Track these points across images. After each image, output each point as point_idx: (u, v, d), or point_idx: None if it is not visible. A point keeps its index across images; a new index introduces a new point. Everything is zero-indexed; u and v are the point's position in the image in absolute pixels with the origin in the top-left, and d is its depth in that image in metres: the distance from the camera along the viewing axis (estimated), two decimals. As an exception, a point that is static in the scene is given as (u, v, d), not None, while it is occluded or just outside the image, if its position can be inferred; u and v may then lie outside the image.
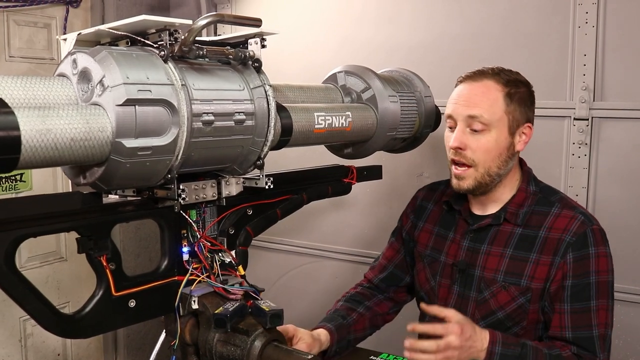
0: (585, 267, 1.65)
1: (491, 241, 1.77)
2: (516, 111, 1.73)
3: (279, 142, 1.63)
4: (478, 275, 1.75)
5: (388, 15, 3.01)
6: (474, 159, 1.72)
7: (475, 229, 1.81)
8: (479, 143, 1.71)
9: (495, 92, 1.72)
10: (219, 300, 1.52)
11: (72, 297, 3.26)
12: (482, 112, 1.69)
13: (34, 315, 1.29)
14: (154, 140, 1.26)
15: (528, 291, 1.68)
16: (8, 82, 1.20)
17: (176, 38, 1.34)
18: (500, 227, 1.77)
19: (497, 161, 1.73)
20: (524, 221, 1.75)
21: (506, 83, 1.73)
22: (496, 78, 1.74)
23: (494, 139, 1.71)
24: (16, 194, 2.93)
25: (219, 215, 1.62)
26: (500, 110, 1.71)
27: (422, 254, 1.97)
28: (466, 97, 1.74)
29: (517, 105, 1.73)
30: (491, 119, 1.69)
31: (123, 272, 1.41)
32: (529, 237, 1.73)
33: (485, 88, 1.73)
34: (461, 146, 1.72)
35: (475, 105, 1.70)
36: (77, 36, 1.39)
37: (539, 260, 1.69)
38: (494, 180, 1.75)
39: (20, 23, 2.95)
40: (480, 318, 1.73)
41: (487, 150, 1.71)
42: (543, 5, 2.61)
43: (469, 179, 1.74)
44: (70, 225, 1.32)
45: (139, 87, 1.22)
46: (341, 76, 1.97)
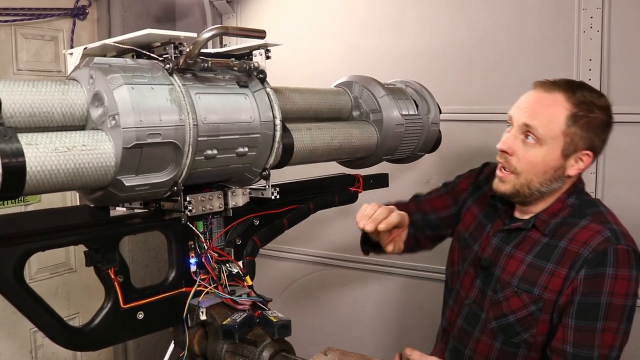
0: (597, 286, 1.57)
1: (517, 245, 1.74)
2: (577, 135, 1.63)
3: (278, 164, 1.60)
4: (497, 275, 1.74)
5: (393, 23, 3.01)
6: (517, 167, 1.67)
7: (506, 230, 1.79)
8: (526, 153, 1.65)
9: (559, 109, 1.63)
10: (227, 311, 1.52)
11: (82, 308, 3.27)
12: (537, 125, 1.62)
13: (43, 328, 1.30)
14: (153, 177, 1.27)
15: (540, 300, 1.65)
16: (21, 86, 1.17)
17: (181, 51, 1.35)
18: (529, 233, 1.74)
19: (540, 177, 1.66)
20: (553, 231, 1.69)
21: (578, 103, 1.63)
22: (569, 94, 1.64)
23: (542, 155, 1.64)
24: (25, 207, 2.94)
25: (225, 226, 1.63)
26: (557, 129, 1.62)
27: (461, 235, 1.95)
28: (529, 104, 1.67)
29: (579, 129, 1.63)
30: (545, 135, 1.62)
31: (131, 284, 1.42)
32: (551, 246, 1.67)
33: (551, 101, 1.64)
34: (508, 151, 1.68)
35: (534, 115, 1.63)
36: (84, 51, 1.40)
37: (555, 271, 1.64)
38: (533, 194, 1.69)
39: (28, 36, 2.98)
40: (493, 318, 1.73)
41: (532, 163, 1.65)
42: (548, 11, 2.61)
43: (508, 184, 1.70)
44: (77, 238, 1.33)
45: (150, 131, 1.21)
46: (357, 87, 1.90)
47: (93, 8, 3.26)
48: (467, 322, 1.83)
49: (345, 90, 1.95)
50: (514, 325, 1.69)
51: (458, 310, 1.86)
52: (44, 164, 1.11)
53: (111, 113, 1.20)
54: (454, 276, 1.93)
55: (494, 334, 1.72)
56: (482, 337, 1.77)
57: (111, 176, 1.21)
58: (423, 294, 3.04)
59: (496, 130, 2.16)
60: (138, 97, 1.22)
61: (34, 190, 1.12)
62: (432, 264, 2.96)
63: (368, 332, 3.31)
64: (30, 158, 1.09)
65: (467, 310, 1.83)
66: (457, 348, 1.84)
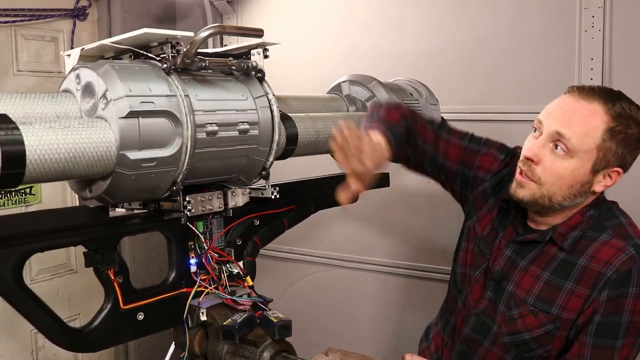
0: (619, 306, 1.49)
1: (532, 260, 1.63)
2: (611, 151, 1.51)
3: (285, 152, 1.63)
4: (510, 290, 1.65)
5: (393, 23, 3.00)
6: (541, 177, 1.54)
7: (519, 241, 1.67)
8: (553, 164, 1.52)
9: (597, 121, 1.49)
10: (228, 311, 1.52)
11: (83, 309, 3.27)
12: (571, 136, 1.49)
13: (43, 329, 1.30)
14: (158, 152, 1.27)
15: (558, 320, 1.56)
16: (13, 99, 1.21)
17: (178, 50, 1.35)
18: (545, 247, 1.62)
19: (565, 191, 1.54)
20: (571, 246, 1.57)
21: (616, 116, 1.50)
22: (608, 106, 1.50)
23: (571, 168, 1.51)
24: (26, 207, 2.94)
25: (226, 226, 1.63)
26: (592, 143, 1.50)
27: (476, 238, 1.79)
28: (565, 111, 1.53)
29: (615, 144, 1.51)
30: (578, 147, 1.49)
31: (131, 285, 1.42)
32: (569, 263, 1.56)
33: (589, 112, 1.50)
34: (534, 159, 1.54)
35: (568, 124, 1.50)
36: (81, 51, 1.40)
37: (574, 291, 1.54)
38: (553, 207, 1.57)
39: (28, 37, 2.97)
40: (506, 333, 1.66)
41: (559, 176, 1.52)
42: (549, 10, 2.60)
43: (527, 191, 1.56)
44: (77, 239, 1.33)
45: (141, 100, 1.23)
46: (345, 86, 1.98)
47: (93, 9, 3.26)
48: (475, 332, 1.74)
49: (337, 94, 1.99)
50: (529, 342, 1.63)
51: (464, 317, 1.80)
52: (41, 139, 1.12)
53: (101, 92, 1.23)
54: (465, 278, 1.81)
55: (506, 348, 1.65)
56: (492, 348, 1.70)
57: (114, 153, 1.21)
58: (424, 294, 3.03)
59: (497, 129, 2.16)
60: (124, 72, 1.25)
61: (37, 171, 1.12)
62: (433, 264, 2.96)
63: (369, 333, 3.31)
64: (27, 134, 1.10)
65: (475, 320, 1.74)
66: (466, 353, 1.78)
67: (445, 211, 2.77)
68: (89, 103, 1.28)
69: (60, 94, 1.31)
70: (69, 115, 1.29)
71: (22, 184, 1.14)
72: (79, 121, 1.21)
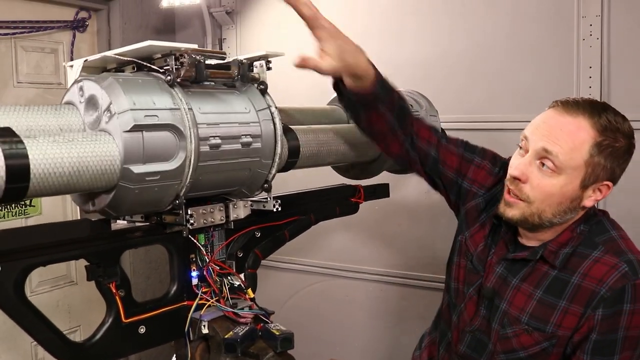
0: (614, 324, 1.47)
1: (524, 277, 1.61)
2: (599, 165, 1.48)
3: (287, 164, 1.63)
4: (503, 309, 1.63)
5: (392, 33, 3.01)
6: (530, 195, 1.51)
7: (509, 259, 1.65)
8: (541, 182, 1.49)
9: (584, 136, 1.47)
10: (229, 324, 1.51)
11: (83, 321, 3.26)
12: (558, 152, 1.46)
13: (44, 344, 1.29)
14: (161, 166, 1.27)
15: (553, 337, 1.55)
16: (16, 111, 1.21)
17: (182, 62, 1.35)
18: (536, 265, 1.60)
19: (554, 208, 1.52)
20: (562, 263, 1.55)
21: (603, 130, 1.48)
22: (594, 120, 1.47)
23: (560, 185, 1.49)
24: (26, 219, 2.94)
25: (227, 238, 1.62)
26: (580, 158, 1.47)
27: (469, 255, 1.77)
28: (550, 126, 1.50)
29: (604, 159, 1.48)
30: (565, 163, 1.47)
31: (132, 298, 1.41)
32: (562, 281, 1.54)
33: (575, 127, 1.47)
34: (522, 178, 1.51)
35: (555, 141, 1.47)
36: (84, 63, 1.40)
37: (568, 309, 1.52)
38: (543, 224, 1.55)
39: (28, 49, 2.98)
40: (501, 352, 1.65)
41: (548, 194, 1.49)
42: (547, 19, 2.61)
43: (516, 210, 1.54)
44: (78, 253, 1.32)
45: (145, 113, 1.23)
46: None
47: (93, 20, 3.27)
48: (471, 349, 1.72)
49: (337, 105, 2.00)
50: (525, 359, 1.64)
51: (459, 334, 1.77)
52: (45, 153, 1.11)
53: (105, 106, 1.23)
54: (458, 294, 1.79)
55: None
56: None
57: (118, 166, 1.21)
58: (425, 304, 3.02)
59: (497, 138, 2.16)
60: (127, 86, 1.25)
61: (41, 185, 1.11)
62: (434, 273, 2.95)
63: (370, 343, 3.30)
64: (31, 147, 1.09)
65: (471, 338, 1.72)
66: None
67: (446, 221, 2.74)
68: (92, 116, 1.28)
69: (63, 107, 1.31)
70: (72, 128, 1.28)
71: (25, 198, 1.13)
72: (83, 135, 1.21)
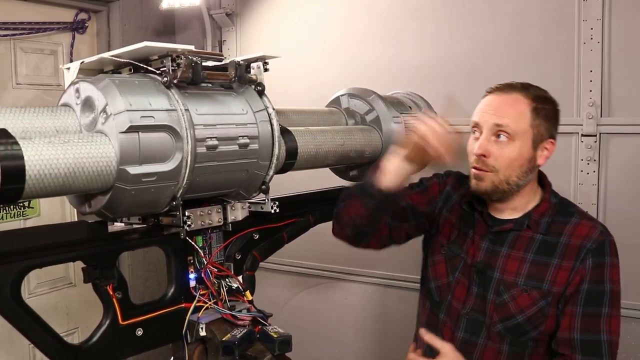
0: (601, 274, 1.66)
1: (511, 245, 1.77)
2: (541, 126, 1.74)
3: (285, 166, 1.62)
4: (497, 277, 1.75)
5: (392, 36, 3.01)
6: (495, 165, 1.73)
7: (495, 232, 1.81)
8: (502, 152, 1.72)
9: (522, 105, 1.73)
10: (227, 326, 1.51)
11: (81, 322, 3.25)
12: (508, 122, 1.71)
13: (41, 346, 1.29)
14: (158, 167, 1.26)
15: (549, 294, 1.69)
16: (12, 113, 1.21)
17: (179, 64, 1.34)
18: (521, 233, 1.78)
19: (517, 171, 1.74)
20: (545, 229, 1.76)
21: (534, 98, 1.75)
22: (525, 92, 1.76)
23: (517, 149, 1.72)
24: (25, 221, 2.93)
25: (225, 240, 1.62)
26: (525, 123, 1.72)
27: (444, 245, 1.93)
28: (494, 107, 1.75)
29: (542, 120, 1.75)
30: (517, 129, 1.71)
31: (130, 301, 1.40)
32: (551, 243, 1.73)
33: (513, 100, 1.74)
34: (485, 154, 1.73)
35: (503, 115, 1.72)
36: (81, 65, 1.40)
37: (561, 265, 1.69)
38: (512, 189, 1.76)
39: (27, 50, 2.97)
40: (498, 321, 1.72)
41: (510, 159, 1.72)
42: (547, 22, 2.60)
43: (487, 181, 1.74)
44: (75, 255, 1.32)
45: (141, 114, 1.23)
46: (344, 99, 1.98)
47: (92, 22, 3.27)
48: (469, 333, 1.81)
49: (336, 108, 1.99)
50: (523, 325, 1.69)
51: (453, 323, 1.84)
52: (41, 154, 1.11)
53: (101, 107, 1.22)
54: (442, 289, 1.90)
55: (500, 337, 1.71)
56: (488, 343, 1.76)
57: (114, 167, 1.21)
58: (425, 307, 3.02)
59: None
60: (124, 87, 1.25)
61: (37, 187, 1.11)
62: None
63: (370, 345, 3.29)
64: (27, 149, 1.09)
65: (466, 321, 1.81)
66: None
67: (445, 224, 2.75)
68: (88, 117, 1.27)
69: (60, 108, 1.31)
70: (69, 129, 1.28)
71: (21, 199, 1.13)
72: (79, 136, 1.21)
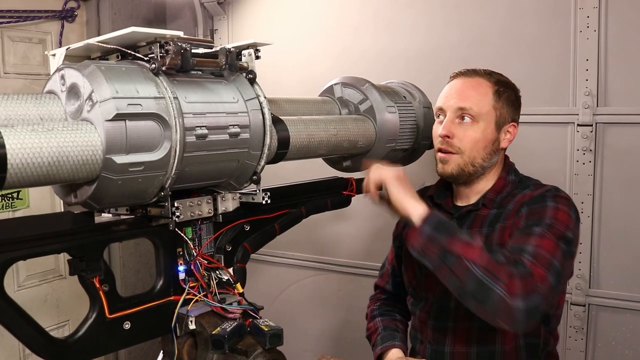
0: (539, 213, 1.67)
1: (470, 225, 1.82)
2: (503, 109, 1.81)
3: (276, 156, 1.59)
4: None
5: (386, 25, 2.98)
6: (460, 147, 1.78)
7: (457, 217, 1.86)
8: (466, 133, 1.77)
9: (485, 88, 1.80)
10: (217, 319, 1.48)
11: (72, 315, 3.22)
12: (472, 105, 1.77)
13: (25, 340, 1.25)
14: (145, 156, 1.23)
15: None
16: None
17: (167, 50, 1.30)
18: (479, 212, 1.83)
19: (482, 153, 1.79)
20: (500, 204, 1.81)
21: (496, 82, 1.82)
22: (487, 77, 1.83)
23: (481, 130, 1.77)
24: (13, 212, 2.89)
25: (215, 231, 1.59)
26: (488, 105, 1.78)
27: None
28: (458, 90, 1.81)
29: (504, 103, 1.81)
30: (480, 111, 1.77)
31: (117, 293, 1.37)
32: (499, 213, 1.80)
33: (476, 83, 1.81)
34: (449, 134, 1.77)
35: (466, 98, 1.78)
36: (66, 51, 1.36)
37: (504, 225, 1.75)
38: (477, 171, 1.81)
39: (15, 39, 2.93)
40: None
41: (474, 140, 1.77)
42: (543, 10, 2.57)
43: (452, 163, 1.79)
44: (60, 246, 1.28)
45: (128, 102, 1.19)
46: (338, 88, 1.95)
47: (82, 10, 3.22)
48: (437, 320, 1.84)
49: (329, 97, 1.97)
50: None
51: (426, 315, 1.86)
52: (23, 142, 1.08)
53: (86, 94, 1.18)
54: (418, 288, 1.94)
55: (468, 316, 1.68)
56: (457, 325, 1.79)
57: (100, 156, 1.17)
58: (419, 299, 3.00)
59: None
60: (110, 73, 1.21)
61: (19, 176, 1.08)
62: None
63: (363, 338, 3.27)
64: (8, 137, 1.06)
65: (435, 308, 1.85)
66: (437, 350, 1.84)
67: (440, 215, 2.73)
68: (74, 105, 1.23)
69: (44, 96, 1.27)
70: (54, 117, 1.24)
71: (3, 189, 1.09)
72: (64, 124, 1.17)
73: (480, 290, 1.47)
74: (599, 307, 2.58)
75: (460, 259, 1.50)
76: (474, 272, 1.47)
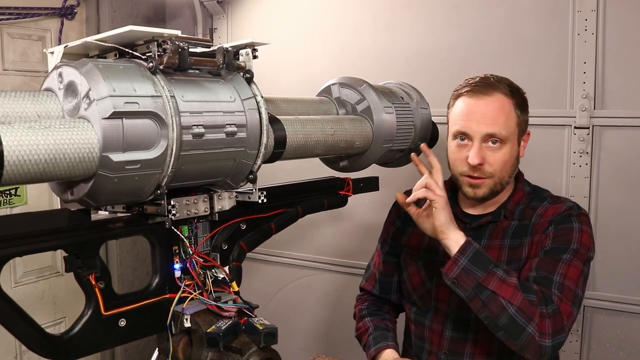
0: (566, 236, 1.71)
1: (490, 236, 1.81)
2: (523, 120, 1.79)
3: (273, 155, 1.59)
4: None
5: (385, 25, 2.98)
6: (491, 171, 1.75)
7: (474, 227, 1.84)
8: (495, 157, 1.74)
9: (508, 107, 1.74)
10: (212, 318, 1.48)
11: (69, 312, 3.23)
12: (500, 129, 1.72)
13: (20, 336, 1.25)
14: (142, 154, 1.23)
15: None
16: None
17: (165, 49, 1.31)
18: (498, 224, 1.82)
19: (509, 171, 1.78)
20: (520, 216, 1.81)
21: (512, 93, 1.76)
22: (503, 89, 1.75)
23: (509, 152, 1.75)
24: (11, 209, 2.90)
25: (211, 230, 1.59)
26: (513, 124, 1.75)
27: (416, 256, 1.96)
28: (482, 114, 1.74)
29: (522, 114, 1.78)
30: (508, 134, 1.73)
31: (113, 291, 1.37)
32: (524, 225, 1.79)
33: (499, 103, 1.74)
34: (482, 162, 1.74)
35: (493, 122, 1.72)
36: (64, 49, 1.37)
37: (532, 241, 1.75)
38: (503, 187, 1.80)
39: (14, 36, 2.93)
40: None
41: (504, 162, 1.75)
42: (542, 13, 2.58)
43: (484, 187, 1.77)
44: (57, 243, 1.28)
45: (125, 100, 1.19)
46: (335, 88, 1.95)
47: (81, 8, 3.22)
48: (456, 330, 1.81)
49: (326, 97, 1.98)
50: None
51: (440, 325, 1.84)
52: (20, 140, 1.08)
53: (84, 92, 1.19)
54: (425, 297, 1.92)
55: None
56: (478, 337, 1.78)
57: (97, 154, 1.17)
58: (415, 299, 3.01)
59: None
60: (108, 72, 1.21)
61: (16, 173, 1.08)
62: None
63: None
64: (5, 134, 1.06)
65: (454, 319, 1.81)
66: None
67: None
68: (71, 103, 1.24)
69: (42, 93, 1.27)
70: (51, 115, 1.24)
71: (0, 186, 1.10)
72: (61, 121, 1.17)
73: (512, 327, 1.54)
74: (594, 309, 2.59)
75: (496, 296, 1.55)
76: (508, 310, 1.54)
